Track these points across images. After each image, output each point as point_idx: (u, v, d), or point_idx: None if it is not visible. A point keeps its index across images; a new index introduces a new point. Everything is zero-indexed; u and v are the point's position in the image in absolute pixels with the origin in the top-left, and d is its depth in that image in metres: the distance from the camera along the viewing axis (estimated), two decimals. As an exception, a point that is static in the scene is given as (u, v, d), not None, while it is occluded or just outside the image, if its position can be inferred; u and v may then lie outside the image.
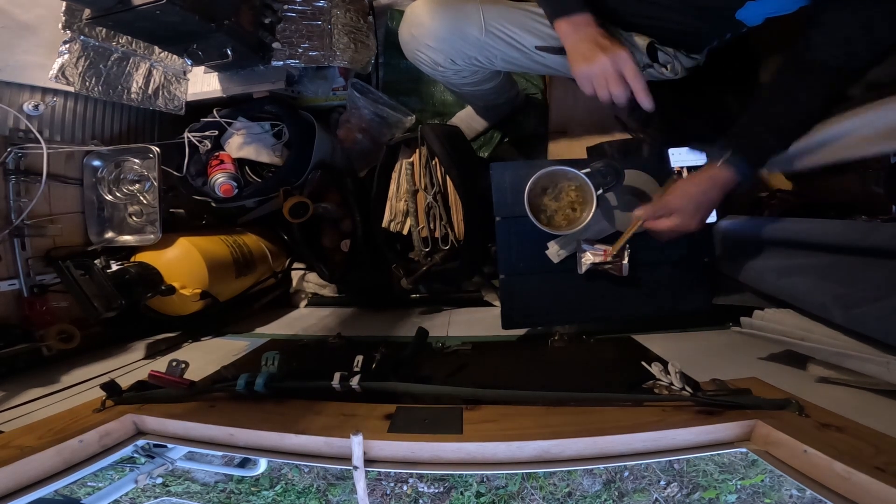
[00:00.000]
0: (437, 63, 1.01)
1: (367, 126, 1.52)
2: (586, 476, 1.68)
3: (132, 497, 1.70)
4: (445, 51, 0.99)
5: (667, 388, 0.69)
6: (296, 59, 1.25)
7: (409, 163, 1.23)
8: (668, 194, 0.85)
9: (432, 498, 1.69)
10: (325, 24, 1.25)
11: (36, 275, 1.04)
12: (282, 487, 1.75)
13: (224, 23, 1.05)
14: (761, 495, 1.63)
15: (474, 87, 1.16)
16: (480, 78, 1.11)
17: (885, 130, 0.75)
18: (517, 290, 1.06)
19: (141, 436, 0.71)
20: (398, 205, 1.27)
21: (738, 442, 0.61)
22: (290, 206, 1.33)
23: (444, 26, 0.95)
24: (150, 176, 1.21)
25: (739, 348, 0.91)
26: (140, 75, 1.26)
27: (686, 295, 1.06)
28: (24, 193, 1.03)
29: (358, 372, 0.74)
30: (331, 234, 1.50)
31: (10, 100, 1.05)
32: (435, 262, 1.25)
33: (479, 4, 0.95)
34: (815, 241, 0.84)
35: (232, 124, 1.33)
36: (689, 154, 1.04)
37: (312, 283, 1.60)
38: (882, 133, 0.75)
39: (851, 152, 0.80)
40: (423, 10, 0.97)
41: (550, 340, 1.04)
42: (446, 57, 1.00)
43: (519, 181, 1.01)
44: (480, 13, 0.94)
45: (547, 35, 0.94)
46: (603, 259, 0.98)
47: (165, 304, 1.17)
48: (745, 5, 0.79)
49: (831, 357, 0.71)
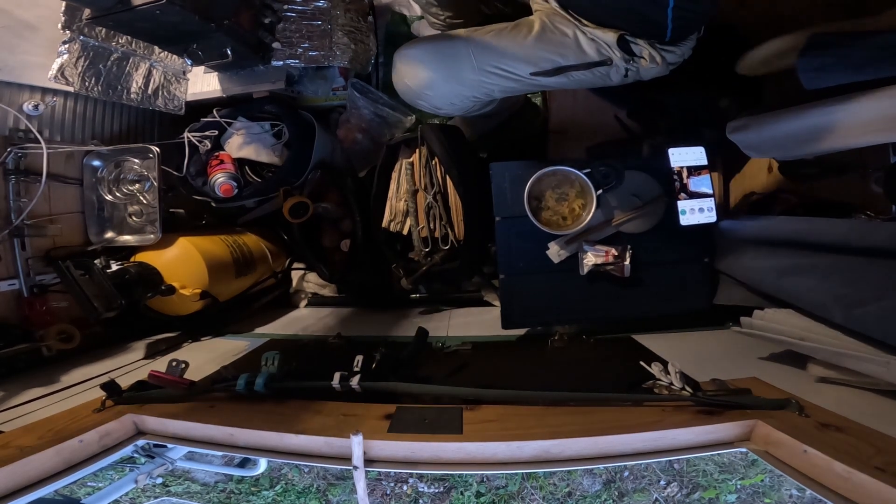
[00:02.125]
0: (437, 107, 1.03)
1: (367, 126, 1.52)
2: (586, 476, 1.68)
3: (132, 497, 1.69)
4: (444, 96, 0.99)
5: (667, 388, 0.69)
6: (296, 59, 1.25)
7: (409, 163, 1.23)
8: None
9: (432, 498, 1.69)
10: (325, 24, 1.25)
11: (36, 275, 1.04)
12: (282, 487, 1.75)
13: (224, 23, 1.05)
14: (761, 495, 1.63)
15: (475, 115, 1.17)
16: (480, 105, 1.11)
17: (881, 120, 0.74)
18: (517, 290, 1.06)
19: (141, 436, 0.71)
20: (398, 205, 1.27)
21: (738, 442, 0.61)
22: (290, 206, 1.33)
23: (439, 75, 0.96)
24: (150, 176, 1.21)
25: (739, 348, 0.91)
26: (140, 75, 1.26)
27: (686, 295, 1.06)
28: (23, 193, 1.03)
29: (358, 372, 0.74)
30: (331, 234, 1.50)
31: (10, 100, 1.05)
32: (435, 262, 1.25)
33: (468, 43, 0.94)
34: (815, 241, 0.84)
35: (232, 124, 1.33)
36: (689, 154, 1.04)
37: (312, 283, 1.60)
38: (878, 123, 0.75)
39: (846, 141, 0.79)
40: (416, 61, 0.97)
41: (550, 340, 1.04)
42: (446, 101, 1.01)
43: (519, 181, 1.01)
44: (471, 55, 0.93)
45: (539, 58, 0.94)
46: (605, 260, 0.98)
47: (165, 304, 1.17)
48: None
49: (831, 357, 0.71)
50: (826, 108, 0.80)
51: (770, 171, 1.25)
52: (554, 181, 1.02)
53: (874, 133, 0.75)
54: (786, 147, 0.88)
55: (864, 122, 0.76)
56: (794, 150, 0.88)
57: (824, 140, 0.82)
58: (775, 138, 0.90)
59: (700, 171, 1.03)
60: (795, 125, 0.84)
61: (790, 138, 0.85)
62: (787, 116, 0.87)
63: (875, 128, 0.75)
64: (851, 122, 0.77)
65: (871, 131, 0.75)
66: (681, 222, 1.03)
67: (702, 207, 1.03)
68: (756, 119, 0.94)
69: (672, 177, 1.03)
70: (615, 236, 1.03)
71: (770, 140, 0.91)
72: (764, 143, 0.90)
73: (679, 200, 1.03)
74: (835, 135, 0.80)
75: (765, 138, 0.93)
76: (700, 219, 1.03)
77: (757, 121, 0.93)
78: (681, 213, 1.03)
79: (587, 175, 0.96)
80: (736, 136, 0.99)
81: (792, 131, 0.83)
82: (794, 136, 0.84)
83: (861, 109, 0.76)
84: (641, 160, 1.05)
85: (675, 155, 1.04)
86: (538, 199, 1.02)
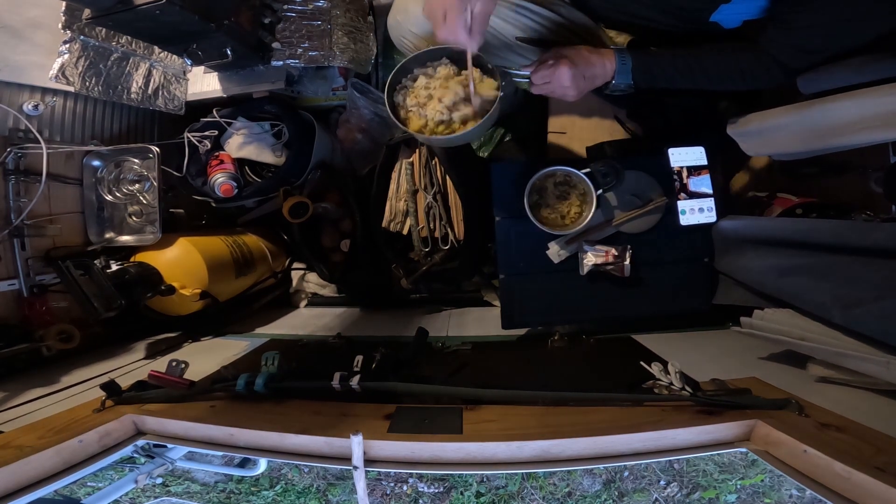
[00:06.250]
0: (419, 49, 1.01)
1: (367, 126, 1.52)
2: (586, 476, 1.68)
3: (132, 497, 1.69)
4: (429, 38, 0.98)
5: (667, 388, 0.69)
6: (296, 59, 1.25)
7: (408, 163, 1.23)
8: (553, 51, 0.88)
9: (432, 498, 1.69)
10: (325, 24, 1.25)
11: (36, 275, 1.04)
12: (282, 487, 1.75)
13: (224, 23, 1.05)
14: (761, 495, 1.63)
15: None
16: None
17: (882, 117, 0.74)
18: (517, 290, 1.06)
19: (141, 436, 0.71)
20: (398, 205, 1.27)
21: (738, 442, 0.61)
22: (290, 206, 1.33)
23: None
24: (150, 176, 1.21)
25: (739, 348, 0.91)
26: (140, 75, 1.26)
27: (686, 295, 1.06)
28: (23, 193, 1.03)
29: (358, 372, 0.74)
30: (331, 234, 1.50)
31: (10, 100, 1.05)
32: (435, 262, 1.25)
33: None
34: (814, 241, 0.84)
35: (232, 124, 1.33)
36: (689, 154, 1.04)
37: (312, 283, 1.60)
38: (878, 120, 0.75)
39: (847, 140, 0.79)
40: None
41: (550, 340, 1.04)
42: (428, 44, 1.00)
43: (519, 181, 1.01)
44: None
45: (530, 29, 0.94)
46: (605, 260, 0.98)
47: (165, 304, 1.17)
48: (719, 8, 0.80)
49: (831, 357, 0.71)
50: (826, 105, 0.80)
51: (770, 171, 1.25)
52: (554, 181, 1.02)
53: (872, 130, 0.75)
54: (786, 145, 0.88)
55: (863, 119, 0.76)
56: (795, 147, 0.88)
57: (824, 138, 0.82)
58: (776, 137, 0.89)
59: (700, 171, 1.03)
60: (796, 123, 0.83)
61: (791, 136, 0.85)
62: (788, 114, 0.87)
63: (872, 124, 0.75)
64: (851, 120, 0.77)
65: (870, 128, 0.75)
66: (681, 222, 1.03)
67: (702, 207, 1.03)
68: (757, 116, 0.94)
69: (672, 177, 1.03)
70: (615, 236, 1.03)
71: (771, 139, 0.91)
72: (764, 141, 0.90)
73: (679, 200, 1.03)
74: (835, 132, 0.80)
75: (765, 136, 0.93)
76: (700, 219, 1.03)
77: (758, 118, 0.93)
78: (681, 213, 1.03)
79: (587, 175, 0.96)
80: (735, 132, 0.98)
81: (792, 129, 0.83)
82: (794, 134, 0.84)
83: (860, 106, 0.76)
84: (641, 160, 1.05)
85: (675, 155, 1.04)
86: (538, 198, 1.02)
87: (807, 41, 0.76)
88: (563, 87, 0.86)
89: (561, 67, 0.84)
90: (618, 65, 0.86)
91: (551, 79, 0.86)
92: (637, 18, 0.90)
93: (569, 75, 0.84)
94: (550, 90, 0.88)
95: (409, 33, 0.99)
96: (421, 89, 0.86)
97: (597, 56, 0.86)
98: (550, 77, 0.86)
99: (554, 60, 0.85)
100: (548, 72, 0.85)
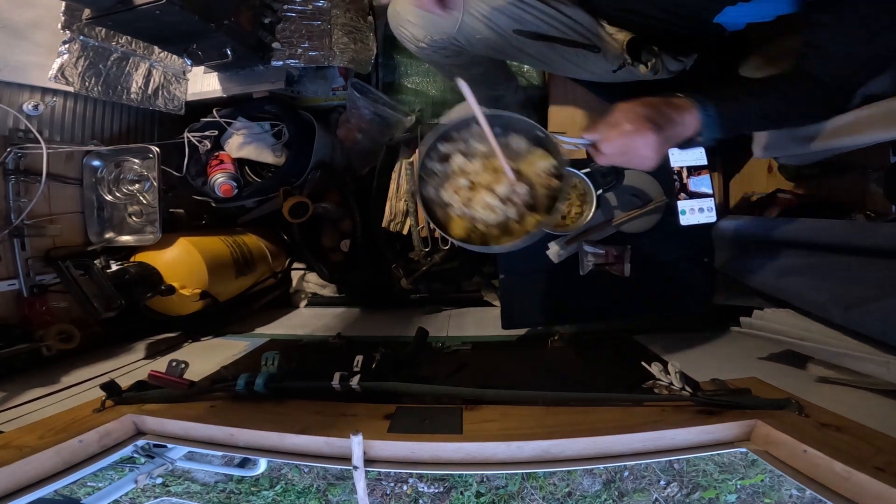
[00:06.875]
0: (417, 39, 1.01)
1: (367, 126, 1.52)
2: (586, 476, 1.68)
3: (132, 497, 1.69)
4: (425, 26, 0.98)
5: (667, 388, 0.69)
6: (296, 59, 1.25)
7: (408, 163, 1.23)
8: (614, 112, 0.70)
9: (432, 498, 1.69)
10: (325, 24, 1.25)
11: (36, 275, 1.04)
12: (282, 487, 1.75)
13: (224, 23, 1.05)
14: (761, 495, 1.63)
15: (462, 70, 1.14)
16: (466, 61, 1.09)
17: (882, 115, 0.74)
18: (517, 290, 1.06)
19: (141, 436, 0.71)
20: (398, 205, 1.27)
21: (738, 442, 0.61)
22: (290, 206, 1.33)
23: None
24: (150, 176, 1.21)
25: (739, 348, 0.92)
26: (140, 75, 1.26)
27: (686, 295, 1.06)
28: (23, 193, 1.03)
29: (358, 372, 0.74)
30: (331, 234, 1.50)
31: (9, 100, 1.05)
32: (435, 261, 1.25)
33: None
34: (815, 241, 0.84)
35: (232, 124, 1.33)
36: (689, 154, 1.04)
37: (312, 283, 1.60)
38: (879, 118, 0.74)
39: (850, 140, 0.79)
40: None
41: (550, 340, 1.04)
42: (426, 33, 0.99)
43: (519, 181, 1.00)
44: None
45: (528, 22, 0.93)
46: (605, 260, 0.98)
47: (165, 304, 1.17)
48: (724, 11, 0.79)
49: (831, 357, 0.71)
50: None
51: (770, 171, 1.25)
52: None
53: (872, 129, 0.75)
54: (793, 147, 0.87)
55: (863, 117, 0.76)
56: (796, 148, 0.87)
57: (824, 137, 0.81)
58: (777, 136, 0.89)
59: (700, 171, 1.04)
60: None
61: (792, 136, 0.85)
62: None
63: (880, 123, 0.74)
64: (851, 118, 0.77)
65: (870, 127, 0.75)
66: (681, 222, 1.03)
67: (702, 207, 1.03)
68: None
69: (672, 177, 1.03)
70: (615, 236, 1.03)
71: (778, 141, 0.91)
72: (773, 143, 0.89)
73: (679, 200, 1.03)
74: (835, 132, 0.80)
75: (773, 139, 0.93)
76: (700, 219, 1.03)
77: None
78: (681, 213, 1.03)
79: (587, 175, 0.96)
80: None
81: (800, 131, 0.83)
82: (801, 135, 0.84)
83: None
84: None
85: (675, 155, 1.04)
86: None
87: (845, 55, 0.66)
88: (642, 157, 0.67)
89: (645, 134, 0.65)
90: (702, 117, 0.68)
91: (628, 148, 0.67)
92: (638, 16, 0.89)
93: (654, 144, 0.65)
94: (626, 161, 0.69)
95: (408, 23, 1.00)
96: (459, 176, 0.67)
97: (676, 111, 0.67)
98: (628, 147, 0.67)
99: (632, 125, 0.65)
100: (625, 140, 0.66)
